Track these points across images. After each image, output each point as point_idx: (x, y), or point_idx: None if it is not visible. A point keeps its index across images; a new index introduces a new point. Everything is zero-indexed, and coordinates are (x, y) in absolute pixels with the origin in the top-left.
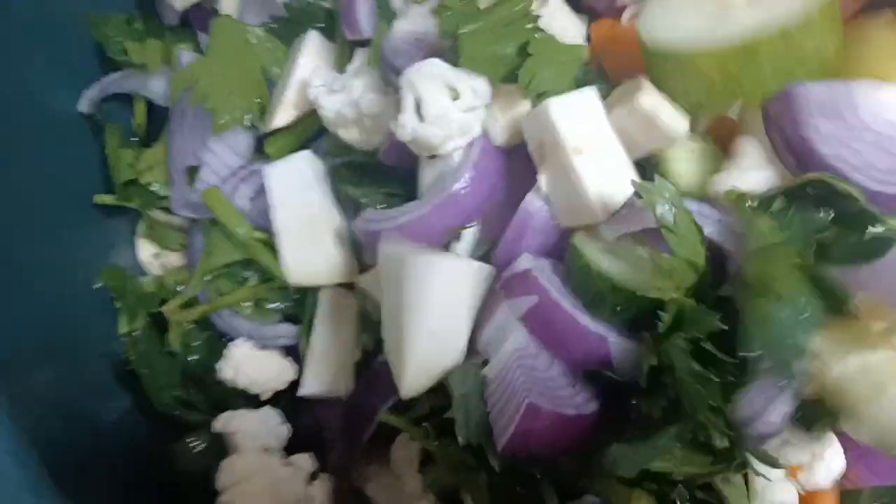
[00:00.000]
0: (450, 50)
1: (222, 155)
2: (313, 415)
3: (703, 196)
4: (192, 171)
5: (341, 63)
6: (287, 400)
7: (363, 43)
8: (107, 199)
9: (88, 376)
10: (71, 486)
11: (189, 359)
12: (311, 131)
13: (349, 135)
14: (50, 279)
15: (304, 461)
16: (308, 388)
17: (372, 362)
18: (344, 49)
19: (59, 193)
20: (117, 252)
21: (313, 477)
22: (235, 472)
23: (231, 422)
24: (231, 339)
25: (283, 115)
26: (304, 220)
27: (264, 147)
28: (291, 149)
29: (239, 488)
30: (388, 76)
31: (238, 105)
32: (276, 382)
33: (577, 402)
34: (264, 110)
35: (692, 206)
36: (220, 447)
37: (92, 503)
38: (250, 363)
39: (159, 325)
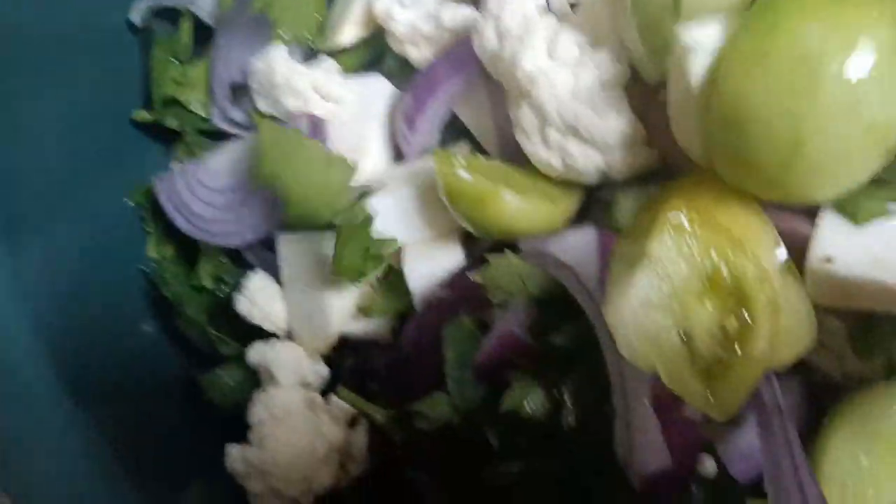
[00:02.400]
0: None
1: None
2: (356, 360)
3: None
4: (236, 89)
5: None
6: None
7: None
8: (145, 115)
9: (119, 298)
10: (95, 410)
11: (218, 294)
12: (371, 54)
13: (419, 53)
14: (84, 194)
15: (346, 404)
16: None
17: None
18: None
19: (99, 106)
20: (153, 175)
21: (353, 422)
22: (271, 406)
23: (267, 353)
24: None
25: (349, 32)
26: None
27: None
28: (350, 71)
29: (274, 424)
30: None
31: (299, 19)
32: None
33: None
34: (322, 28)
35: None
36: (255, 381)
37: (116, 429)
38: (267, 296)
39: (189, 256)
